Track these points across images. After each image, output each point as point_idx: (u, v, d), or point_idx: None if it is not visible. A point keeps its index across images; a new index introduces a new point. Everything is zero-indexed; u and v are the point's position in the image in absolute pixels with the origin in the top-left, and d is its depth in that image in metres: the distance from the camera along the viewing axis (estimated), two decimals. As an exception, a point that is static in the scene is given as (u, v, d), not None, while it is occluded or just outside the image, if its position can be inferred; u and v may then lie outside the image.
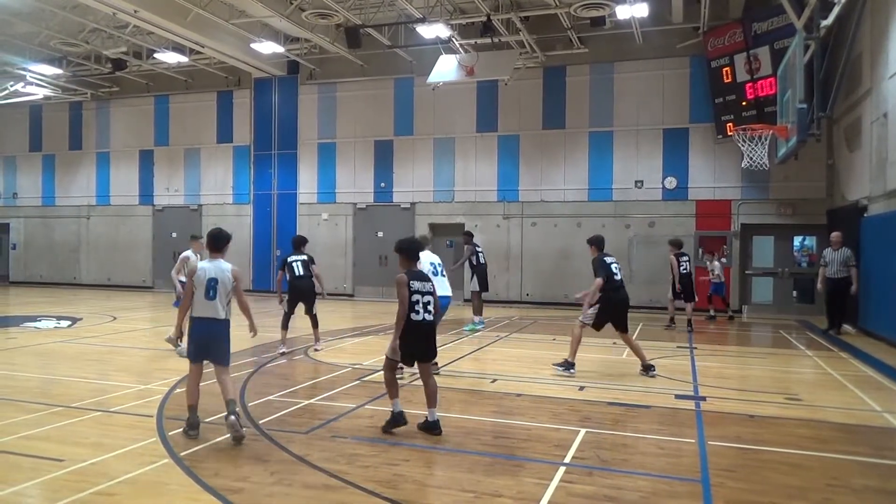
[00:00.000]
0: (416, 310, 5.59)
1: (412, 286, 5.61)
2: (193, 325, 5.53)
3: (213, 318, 5.47)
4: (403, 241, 5.99)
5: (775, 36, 15.11)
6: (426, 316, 5.64)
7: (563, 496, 4.33)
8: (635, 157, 17.93)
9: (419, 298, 5.62)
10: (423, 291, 5.67)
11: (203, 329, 5.49)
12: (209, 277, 5.48)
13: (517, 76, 18.15)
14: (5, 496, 4.20)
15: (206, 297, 5.44)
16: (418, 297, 5.62)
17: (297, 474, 4.66)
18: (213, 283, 5.45)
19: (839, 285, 12.54)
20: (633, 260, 17.79)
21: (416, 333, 5.61)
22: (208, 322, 5.47)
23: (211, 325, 5.47)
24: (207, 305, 5.46)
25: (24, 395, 6.87)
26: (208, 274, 5.50)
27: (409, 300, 5.57)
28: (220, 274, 5.54)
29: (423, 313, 5.61)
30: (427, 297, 5.67)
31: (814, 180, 16.36)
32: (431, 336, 5.74)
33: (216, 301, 5.47)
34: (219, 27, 16.99)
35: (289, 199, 21.27)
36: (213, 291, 5.44)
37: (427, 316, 5.64)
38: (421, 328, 5.62)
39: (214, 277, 5.48)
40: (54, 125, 24.31)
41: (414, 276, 5.71)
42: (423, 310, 5.62)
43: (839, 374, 8.80)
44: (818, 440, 5.72)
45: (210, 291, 5.43)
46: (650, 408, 6.71)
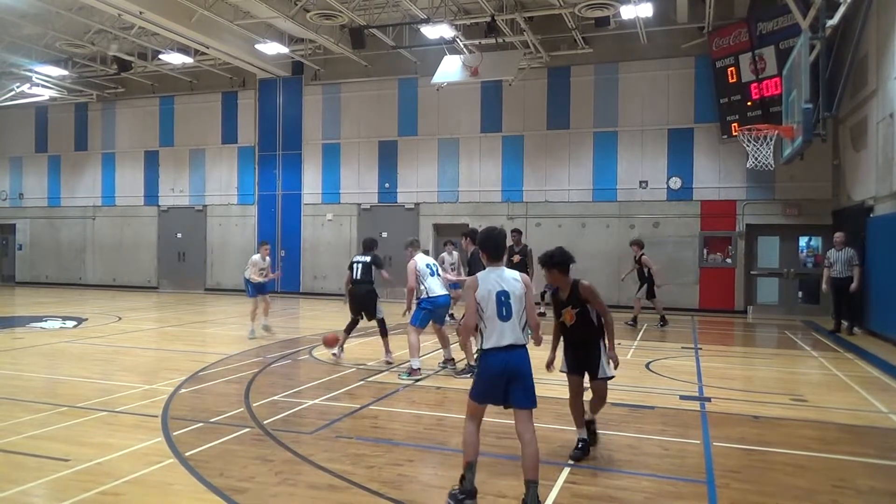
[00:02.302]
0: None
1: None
2: None
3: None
4: (556, 255, 5.26)
5: (780, 36, 15.06)
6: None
7: (567, 497, 4.32)
8: (640, 158, 17.89)
9: None
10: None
11: None
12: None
13: (521, 76, 18.14)
14: (11, 495, 4.22)
15: None
16: None
17: (301, 474, 4.66)
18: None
19: (844, 286, 12.50)
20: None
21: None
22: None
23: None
24: None
25: (30, 395, 6.89)
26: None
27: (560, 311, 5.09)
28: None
29: None
30: None
31: (819, 180, 16.29)
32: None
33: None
34: (223, 28, 17.03)
35: (293, 199, 21.30)
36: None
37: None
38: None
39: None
40: (60, 126, 24.39)
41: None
42: None
43: (845, 374, 8.77)
44: (824, 441, 5.69)
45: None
46: (654, 408, 6.70)
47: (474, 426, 4.22)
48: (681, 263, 17.44)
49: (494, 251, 4.30)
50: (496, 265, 4.26)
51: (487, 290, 4.12)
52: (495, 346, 4.11)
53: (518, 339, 4.14)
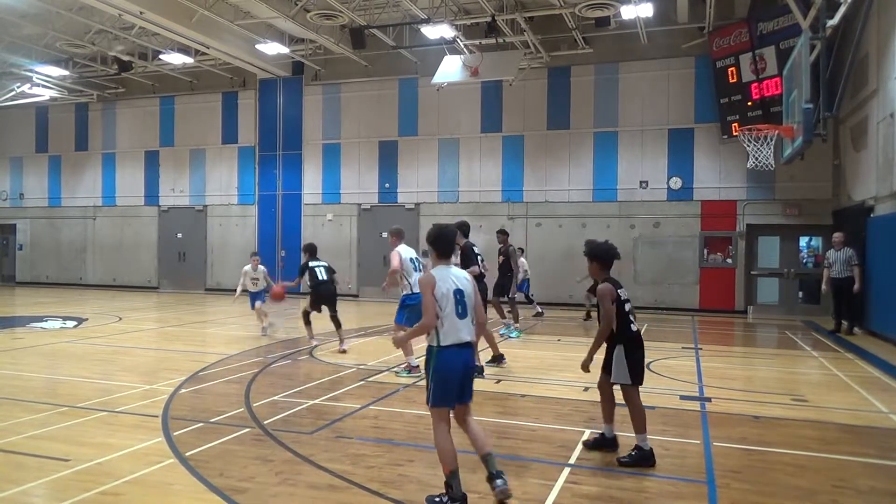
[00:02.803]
0: (631, 321, 4.97)
1: (621, 296, 4.97)
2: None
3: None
4: (598, 246, 5.15)
5: (781, 36, 15.06)
6: (637, 325, 5.05)
7: (567, 497, 4.32)
8: (640, 158, 17.89)
9: (629, 307, 5.00)
10: (627, 299, 5.03)
11: None
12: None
13: (522, 76, 18.14)
14: (11, 495, 4.22)
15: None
16: (629, 305, 5.00)
17: (301, 474, 4.66)
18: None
19: (843, 285, 12.52)
20: (638, 261, 17.76)
21: (639, 346, 5.02)
22: None
23: None
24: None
25: (31, 395, 6.89)
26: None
27: (622, 311, 4.92)
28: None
29: (635, 323, 5.02)
30: (628, 304, 5.02)
31: (820, 180, 16.29)
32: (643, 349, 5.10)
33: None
34: (224, 28, 17.04)
35: (293, 199, 21.30)
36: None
37: (638, 325, 5.05)
38: (640, 341, 5.01)
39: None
40: (60, 126, 24.40)
41: (618, 285, 5.02)
42: (635, 319, 5.03)
43: (845, 375, 8.76)
44: (824, 441, 5.69)
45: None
46: (655, 409, 6.68)
47: (447, 431, 4.12)
48: (681, 263, 17.45)
49: (446, 249, 4.30)
50: (446, 263, 4.26)
51: (446, 287, 4.12)
52: (455, 344, 4.11)
53: (472, 337, 4.20)
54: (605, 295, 4.95)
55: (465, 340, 4.14)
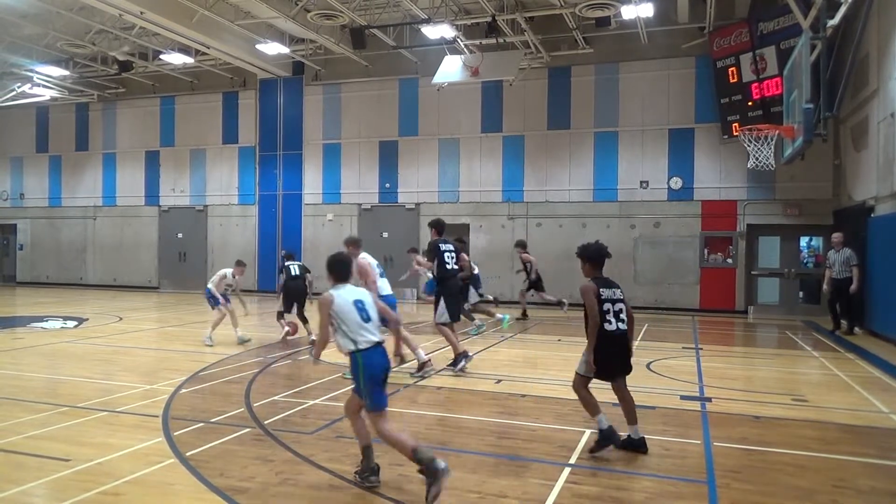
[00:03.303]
0: (608, 319, 5.15)
1: (602, 294, 5.19)
2: None
3: None
4: (589, 246, 5.42)
5: (781, 36, 15.05)
6: (619, 325, 5.18)
7: (568, 497, 4.32)
8: (640, 158, 17.89)
9: (609, 307, 5.18)
10: (613, 299, 5.21)
11: None
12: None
13: (522, 76, 18.14)
14: (12, 495, 4.22)
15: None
16: (609, 305, 5.18)
17: (302, 474, 4.67)
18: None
19: (843, 286, 12.55)
20: (638, 261, 17.76)
21: (610, 345, 5.18)
22: None
23: None
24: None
25: (31, 395, 6.90)
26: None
27: (601, 309, 5.15)
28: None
29: (615, 322, 5.17)
30: (618, 304, 5.22)
31: (820, 180, 16.29)
32: (626, 347, 5.27)
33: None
34: (224, 28, 17.04)
35: (294, 199, 21.30)
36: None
37: (620, 325, 5.18)
38: (616, 339, 5.20)
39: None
40: (61, 126, 24.41)
41: (603, 284, 5.25)
42: (616, 319, 5.17)
43: (846, 375, 8.76)
44: (825, 441, 5.69)
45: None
46: (655, 409, 6.69)
47: (358, 416, 4.67)
48: (681, 263, 17.45)
49: (342, 274, 4.82)
50: (342, 284, 4.75)
51: (343, 300, 4.59)
52: (370, 344, 4.54)
53: (380, 338, 4.63)
54: (586, 292, 5.20)
55: (377, 340, 4.59)
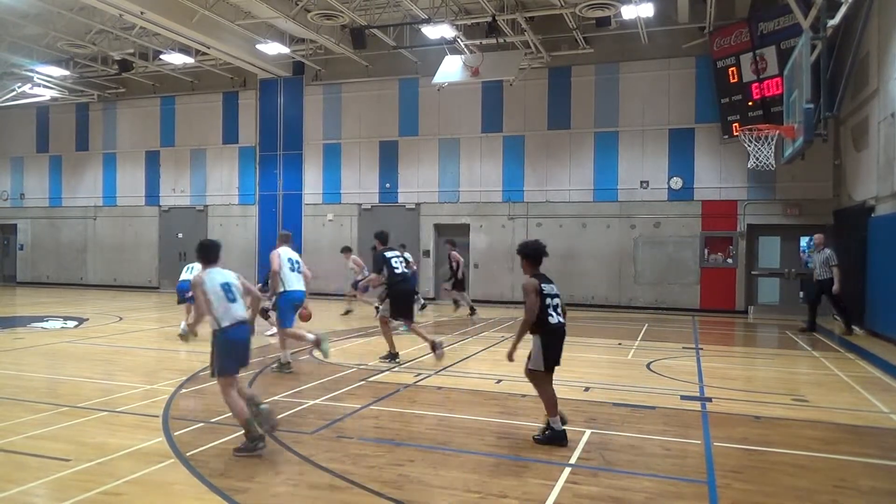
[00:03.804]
0: (550, 314, 5.40)
1: (543, 289, 5.42)
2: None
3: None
4: (528, 245, 5.67)
5: (782, 36, 15.05)
6: (560, 318, 5.46)
7: (568, 497, 4.32)
8: (641, 158, 17.89)
9: (550, 301, 5.43)
10: (552, 294, 5.47)
11: None
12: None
13: (522, 76, 18.14)
14: (13, 495, 4.23)
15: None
16: (549, 300, 5.43)
17: (302, 474, 4.67)
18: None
19: (824, 286, 12.69)
20: (639, 261, 17.76)
21: (557, 338, 5.46)
22: None
23: None
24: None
25: (31, 395, 6.90)
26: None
27: (543, 304, 5.38)
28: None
29: (557, 316, 5.43)
30: (556, 299, 5.48)
31: (820, 180, 16.28)
32: (563, 339, 5.57)
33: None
34: (224, 28, 17.04)
35: (294, 199, 21.30)
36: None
37: (561, 319, 5.47)
38: (558, 331, 5.46)
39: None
40: (61, 126, 24.41)
41: (545, 280, 5.51)
42: (556, 312, 5.44)
43: (846, 375, 8.76)
44: (825, 441, 5.69)
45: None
46: (655, 409, 6.69)
47: (234, 393, 5.15)
48: (682, 263, 17.45)
49: (209, 258, 5.38)
50: (213, 266, 5.34)
51: (213, 282, 5.17)
52: (233, 323, 5.14)
53: (245, 317, 5.26)
54: (528, 288, 5.42)
55: (241, 319, 5.20)
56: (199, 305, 5.17)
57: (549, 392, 5.46)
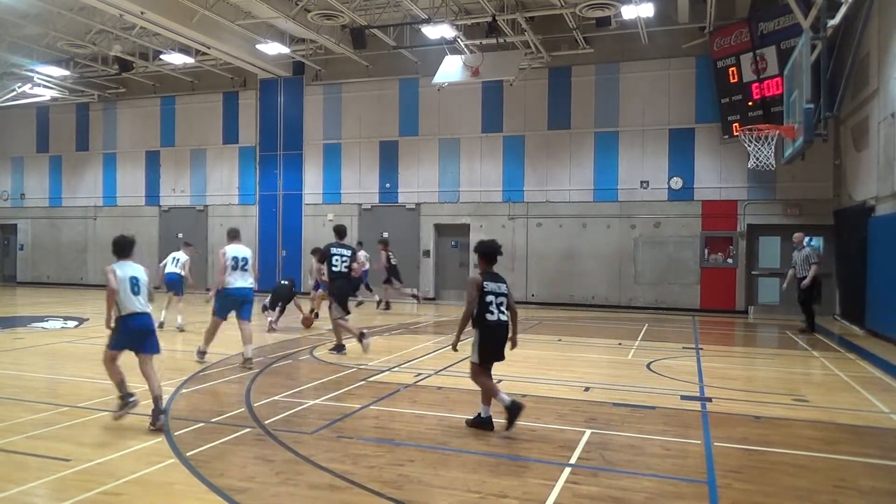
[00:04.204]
0: (490, 310, 5.65)
1: (486, 287, 5.68)
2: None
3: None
4: (483, 244, 5.96)
5: (782, 36, 15.05)
6: (500, 316, 5.69)
7: (568, 497, 4.32)
8: (641, 158, 17.88)
9: (493, 299, 5.67)
10: (498, 293, 5.70)
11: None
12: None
13: (522, 76, 18.14)
14: (13, 495, 4.23)
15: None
16: (492, 297, 5.67)
17: (302, 474, 4.67)
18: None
19: (804, 284, 12.84)
20: (639, 261, 17.76)
21: (495, 334, 5.70)
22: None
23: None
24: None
25: (32, 395, 6.90)
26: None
27: (483, 301, 5.63)
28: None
29: (497, 314, 5.67)
30: (501, 297, 5.72)
31: (820, 180, 16.28)
32: (506, 335, 5.81)
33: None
34: (225, 28, 17.04)
35: (294, 199, 21.30)
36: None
37: (502, 316, 5.70)
38: (497, 328, 5.69)
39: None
40: (61, 126, 24.41)
41: (488, 278, 5.76)
42: (498, 310, 5.68)
43: (846, 375, 8.76)
44: (825, 441, 5.69)
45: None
46: (655, 409, 6.69)
47: (116, 365, 5.95)
48: (682, 263, 17.45)
49: (122, 252, 6.17)
50: (126, 260, 6.10)
51: (124, 274, 5.91)
52: (132, 312, 5.85)
53: (146, 309, 5.96)
54: (470, 283, 5.76)
55: (139, 310, 5.88)
56: (109, 293, 5.86)
57: (486, 384, 5.77)
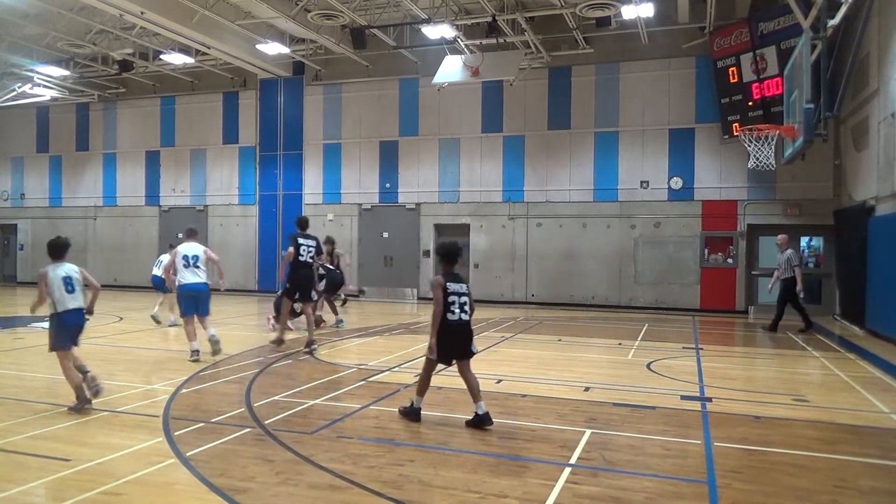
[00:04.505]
0: (451, 310, 5.90)
1: (448, 288, 5.92)
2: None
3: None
4: (444, 246, 6.18)
5: (782, 35, 15.05)
6: (462, 316, 5.94)
7: (568, 497, 4.32)
8: (641, 158, 17.89)
9: (455, 299, 5.93)
10: (460, 293, 5.96)
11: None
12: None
13: (522, 76, 18.14)
14: (13, 495, 4.23)
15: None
16: (455, 297, 5.93)
17: (302, 474, 4.66)
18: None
19: (788, 284, 12.94)
20: (639, 261, 17.76)
21: (453, 333, 5.93)
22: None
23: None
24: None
25: (32, 395, 6.90)
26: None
27: (446, 301, 5.88)
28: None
29: (459, 313, 5.92)
30: (463, 297, 5.97)
31: (820, 180, 16.28)
32: (468, 335, 6.03)
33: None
34: (225, 28, 17.04)
35: (294, 199, 21.30)
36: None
37: (463, 316, 5.95)
38: (457, 328, 5.93)
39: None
40: (61, 126, 24.42)
41: (451, 279, 5.98)
42: (460, 310, 5.93)
43: (846, 375, 8.76)
44: (825, 441, 5.69)
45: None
46: (655, 409, 6.69)
47: (70, 365, 6.26)
48: (682, 263, 17.45)
49: (56, 254, 6.44)
50: (60, 262, 6.41)
51: (55, 275, 6.29)
52: (67, 310, 6.28)
53: (81, 305, 6.38)
54: (434, 284, 5.97)
55: (73, 307, 6.32)
56: (40, 292, 6.32)
57: (425, 378, 6.11)
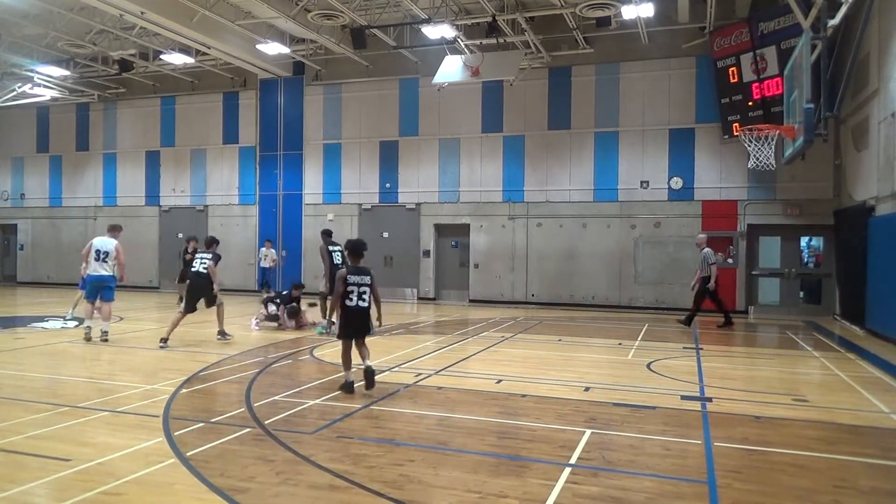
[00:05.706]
0: (350, 298, 7.10)
1: (349, 279, 7.11)
2: None
3: None
4: (350, 241, 7.47)
5: (782, 35, 15.06)
6: (360, 303, 7.13)
7: (568, 497, 4.32)
8: (641, 158, 17.89)
9: (355, 289, 7.12)
10: (360, 283, 7.15)
11: None
12: None
13: (522, 76, 18.14)
14: (13, 495, 4.22)
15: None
16: (354, 287, 7.12)
17: (302, 474, 4.66)
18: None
19: (704, 282, 13.42)
20: (639, 261, 17.76)
21: (352, 315, 7.16)
22: None
23: None
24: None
25: (32, 395, 6.90)
26: None
27: (345, 290, 7.08)
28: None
29: (356, 301, 7.11)
30: (363, 287, 7.14)
31: (821, 180, 16.28)
32: (366, 317, 7.23)
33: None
34: (225, 28, 17.05)
35: (294, 199, 21.31)
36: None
37: (361, 303, 7.14)
38: (356, 312, 7.15)
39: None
40: (61, 126, 24.43)
41: (353, 271, 7.18)
42: (357, 297, 7.12)
43: (847, 375, 8.76)
44: (826, 441, 5.69)
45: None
46: (656, 409, 6.69)
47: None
48: (682, 263, 17.43)
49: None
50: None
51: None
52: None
53: None
54: (338, 277, 7.17)
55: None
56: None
57: (346, 355, 7.23)
